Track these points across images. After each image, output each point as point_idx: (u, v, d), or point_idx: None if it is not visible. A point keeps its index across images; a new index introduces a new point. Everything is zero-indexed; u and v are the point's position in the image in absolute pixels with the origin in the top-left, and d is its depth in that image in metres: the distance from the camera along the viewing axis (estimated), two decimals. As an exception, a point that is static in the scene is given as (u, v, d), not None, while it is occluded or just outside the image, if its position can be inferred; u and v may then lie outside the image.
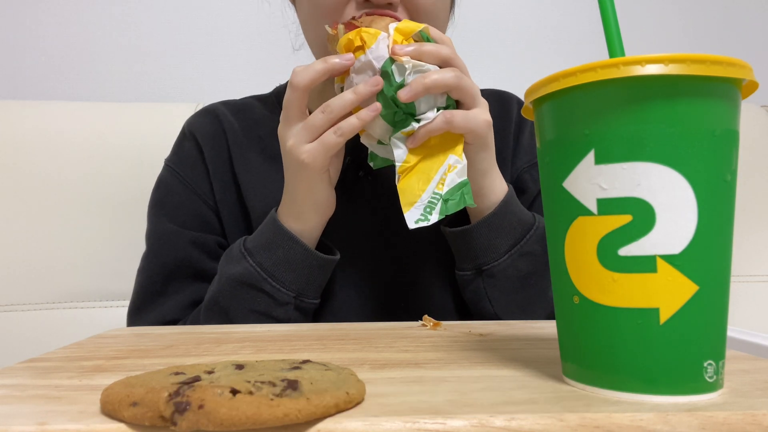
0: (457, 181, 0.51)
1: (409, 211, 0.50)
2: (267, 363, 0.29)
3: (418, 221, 0.49)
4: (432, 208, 0.49)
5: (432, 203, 0.50)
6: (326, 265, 0.57)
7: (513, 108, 0.72)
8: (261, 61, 1.17)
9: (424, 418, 0.23)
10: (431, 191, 0.50)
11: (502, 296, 0.57)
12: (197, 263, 0.64)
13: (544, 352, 0.36)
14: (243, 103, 0.74)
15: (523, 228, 0.57)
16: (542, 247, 0.57)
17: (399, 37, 0.51)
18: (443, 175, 0.51)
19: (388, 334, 0.44)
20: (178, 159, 0.70)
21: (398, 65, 0.49)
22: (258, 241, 0.57)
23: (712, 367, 0.25)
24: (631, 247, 0.25)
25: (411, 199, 0.50)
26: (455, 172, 0.51)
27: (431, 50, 0.50)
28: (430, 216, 0.49)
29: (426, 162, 0.52)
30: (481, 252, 0.56)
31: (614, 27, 0.29)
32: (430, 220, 0.49)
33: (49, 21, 1.12)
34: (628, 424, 0.23)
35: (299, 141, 0.52)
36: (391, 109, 0.50)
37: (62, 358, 0.36)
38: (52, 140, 0.92)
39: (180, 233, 0.65)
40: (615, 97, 0.25)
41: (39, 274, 0.89)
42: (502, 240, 0.56)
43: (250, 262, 0.55)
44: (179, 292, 0.63)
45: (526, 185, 0.69)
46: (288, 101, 0.52)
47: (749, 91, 0.27)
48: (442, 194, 0.50)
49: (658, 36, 1.28)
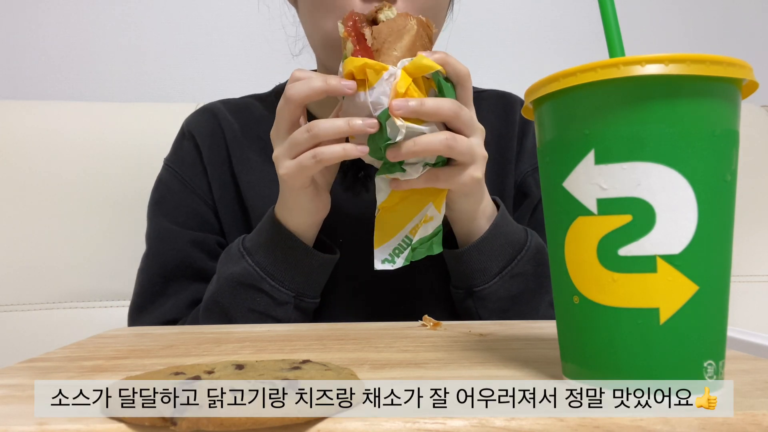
0: (430, 231, 0.52)
1: (378, 248, 0.52)
2: (267, 363, 0.29)
3: (384, 261, 0.52)
4: (400, 252, 0.52)
5: (401, 247, 0.52)
6: (326, 263, 0.57)
7: (517, 110, 0.72)
8: (261, 61, 1.17)
9: (424, 418, 0.23)
10: (403, 235, 0.52)
11: (492, 315, 0.57)
12: (197, 263, 0.64)
13: (544, 352, 0.36)
14: (242, 103, 0.73)
15: (514, 249, 0.56)
16: (534, 265, 0.57)
17: (405, 81, 0.46)
18: (418, 223, 0.52)
19: (388, 334, 0.44)
20: (177, 158, 0.70)
21: (392, 123, 0.46)
22: (256, 240, 0.56)
23: (712, 367, 0.25)
24: (631, 247, 0.25)
25: (383, 237, 0.52)
26: (430, 224, 0.52)
27: (431, 110, 0.46)
28: (396, 259, 0.52)
29: (405, 204, 0.52)
30: (472, 275, 0.56)
31: (614, 27, 0.29)
32: (396, 263, 0.52)
33: (49, 21, 1.12)
34: (628, 424, 0.23)
35: (281, 154, 0.50)
36: (379, 154, 0.48)
37: (62, 358, 0.36)
38: (52, 140, 0.92)
39: (179, 233, 0.65)
40: (615, 97, 0.25)
41: (39, 274, 0.89)
42: (493, 263, 0.56)
43: (248, 262, 0.55)
44: (180, 292, 0.63)
45: (530, 189, 0.69)
46: (280, 110, 0.50)
47: (749, 91, 0.27)
48: (412, 241, 0.52)
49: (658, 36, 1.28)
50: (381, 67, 0.46)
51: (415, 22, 0.49)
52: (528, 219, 0.68)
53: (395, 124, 0.46)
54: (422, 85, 0.48)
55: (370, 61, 0.47)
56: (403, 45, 0.48)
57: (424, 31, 0.50)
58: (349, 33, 0.49)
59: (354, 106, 0.48)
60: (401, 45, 0.48)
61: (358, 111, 0.47)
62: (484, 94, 0.74)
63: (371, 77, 0.46)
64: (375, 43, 0.48)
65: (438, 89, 0.49)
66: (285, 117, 0.50)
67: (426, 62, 0.46)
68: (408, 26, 0.49)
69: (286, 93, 0.49)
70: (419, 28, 0.49)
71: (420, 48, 0.49)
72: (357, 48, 0.48)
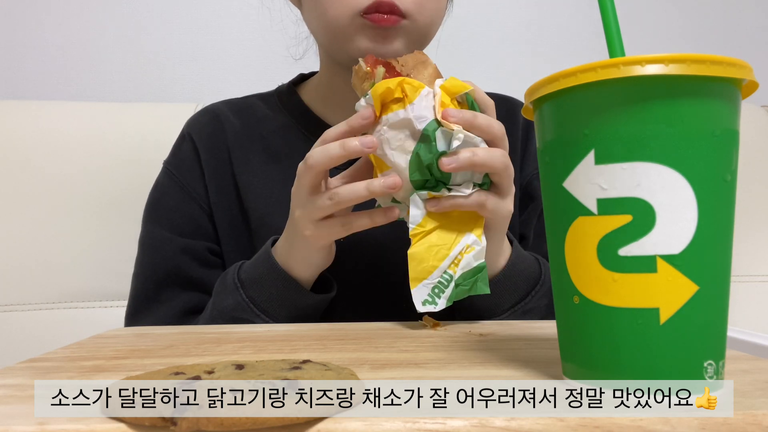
0: (474, 264, 0.48)
1: (417, 287, 0.47)
2: (267, 363, 0.29)
3: (425, 303, 0.46)
4: (441, 291, 0.47)
5: (442, 284, 0.47)
6: (320, 303, 0.56)
7: (519, 114, 0.72)
8: (262, 61, 1.17)
9: (424, 418, 0.23)
10: (443, 269, 0.47)
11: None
12: (187, 271, 0.64)
13: (544, 352, 0.36)
14: (244, 102, 0.73)
15: (528, 285, 0.55)
16: (548, 299, 0.55)
17: (447, 97, 0.46)
18: (459, 255, 0.47)
19: (388, 334, 0.44)
20: (175, 160, 0.70)
21: (444, 131, 0.45)
22: (252, 273, 0.56)
23: (712, 367, 0.25)
24: (631, 247, 0.25)
25: (421, 274, 0.47)
26: (472, 254, 0.47)
27: (484, 125, 0.46)
28: (438, 299, 0.46)
29: (442, 233, 0.48)
30: (483, 311, 0.55)
31: (614, 27, 0.29)
32: (438, 305, 0.46)
33: (49, 21, 1.12)
34: (628, 424, 0.23)
35: (305, 216, 0.50)
36: (424, 177, 0.46)
37: (62, 358, 0.36)
38: (52, 140, 0.92)
39: (171, 240, 0.65)
40: (615, 97, 0.25)
41: (39, 274, 0.89)
42: (506, 300, 0.55)
43: (242, 296, 0.54)
44: (171, 300, 0.63)
45: (536, 192, 0.69)
46: (302, 174, 0.49)
47: (749, 91, 0.27)
48: (454, 277, 0.47)
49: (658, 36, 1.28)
50: (419, 84, 0.46)
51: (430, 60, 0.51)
52: (535, 223, 0.68)
53: (449, 133, 0.45)
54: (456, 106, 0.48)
55: (407, 78, 0.47)
56: (429, 73, 0.49)
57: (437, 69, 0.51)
58: (373, 66, 0.49)
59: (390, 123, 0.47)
60: (427, 72, 0.49)
61: (399, 126, 0.46)
62: None
63: (410, 93, 0.46)
64: (404, 69, 0.49)
65: None
66: (306, 182, 0.49)
67: (460, 82, 0.47)
68: (428, 61, 0.50)
69: (307, 160, 0.49)
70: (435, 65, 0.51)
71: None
72: (387, 75, 0.48)
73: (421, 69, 0.49)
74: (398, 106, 0.46)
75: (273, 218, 0.63)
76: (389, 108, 0.47)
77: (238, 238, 0.66)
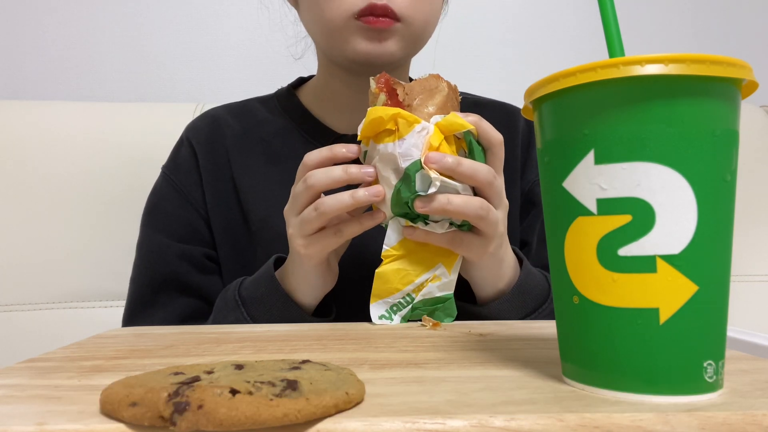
0: (436, 294, 0.50)
1: (376, 303, 0.50)
2: (267, 363, 0.29)
3: (381, 317, 0.50)
4: (399, 309, 0.50)
5: (401, 304, 0.50)
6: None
7: (519, 120, 0.72)
8: (262, 61, 1.17)
9: (423, 418, 0.23)
10: (405, 293, 0.50)
11: None
12: (183, 276, 0.64)
13: (544, 352, 0.36)
14: (244, 105, 0.74)
15: (537, 302, 0.55)
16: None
17: (438, 137, 0.46)
18: (423, 282, 0.50)
19: (388, 334, 0.44)
20: (173, 165, 0.70)
21: (424, 174, 0.45)
22: (253, 292, 0.55)
23: (711, 367, 0.25)
24: (630, 247, 0.25)
25: (383, 293, 0.50)
26: (437, 285, 0.50)
27: (467, 172, 0.46)
28: (393, 316, 0.50)
29: (412, 259, 0.50)
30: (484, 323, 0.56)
31: (614, 27, 0.29)
32: (393, 321, 0.50)
33: (49, 21, 1.12)
34: (627, 424, 0.23)
35: (297, 233, 0.50)
36: (403, 209, 0.47)
37: (62, 358, 0.36)
38: (52, 140, 0.92)
39: (168, 246, 0.65)
40: (615, 97, 0.25)
41: (39, 274, 0.89)
42: (513, 314, 0.55)
43: (243, 313, 0.54)
44: (168, 305, 0.63)
45: (537, 198, 0.69)
46: (298, 194, 0.50)
47: (749, 91, 0.27)
48: (414, 301, 0.50)
49: (658, 36, 1.28)
50: (414, 119, 0.46)
51: (446, 85, 0.49)
52: (538, 229, 0.68)
53: (428, 177, 0.45)
54: (453, 143, 0.48)
55: (403, 111, 0.46)
56: (435, 103, 0.48)
57: (453, 95, 0.50)
58: (381, 89, 0.49)
59: (380, 155, 0.47)
60: (433, 103, 0.48)
61: (387, 160, 0.46)
62: (484, 101, 0.75)
63: (403, 128, 0.45)
64: (407, 99, 0.48)
65: (468, 150, 0.48)
66: (302, 201, 0.50)
67: (459, 121, 0.46)
68: (440, 87, 0.49)
69: (307, 180, 0.49)
70: (449, 91, 0.49)
71: (450, 109, 0.49)
72: (389, 102, 0.48)
73: (427, 98, 0.48)
74: (390, 139, 0.46)
75: (274, 220, 0.63)
76: (382, 138, 0.47)
77: (236, 242, 0.67)
